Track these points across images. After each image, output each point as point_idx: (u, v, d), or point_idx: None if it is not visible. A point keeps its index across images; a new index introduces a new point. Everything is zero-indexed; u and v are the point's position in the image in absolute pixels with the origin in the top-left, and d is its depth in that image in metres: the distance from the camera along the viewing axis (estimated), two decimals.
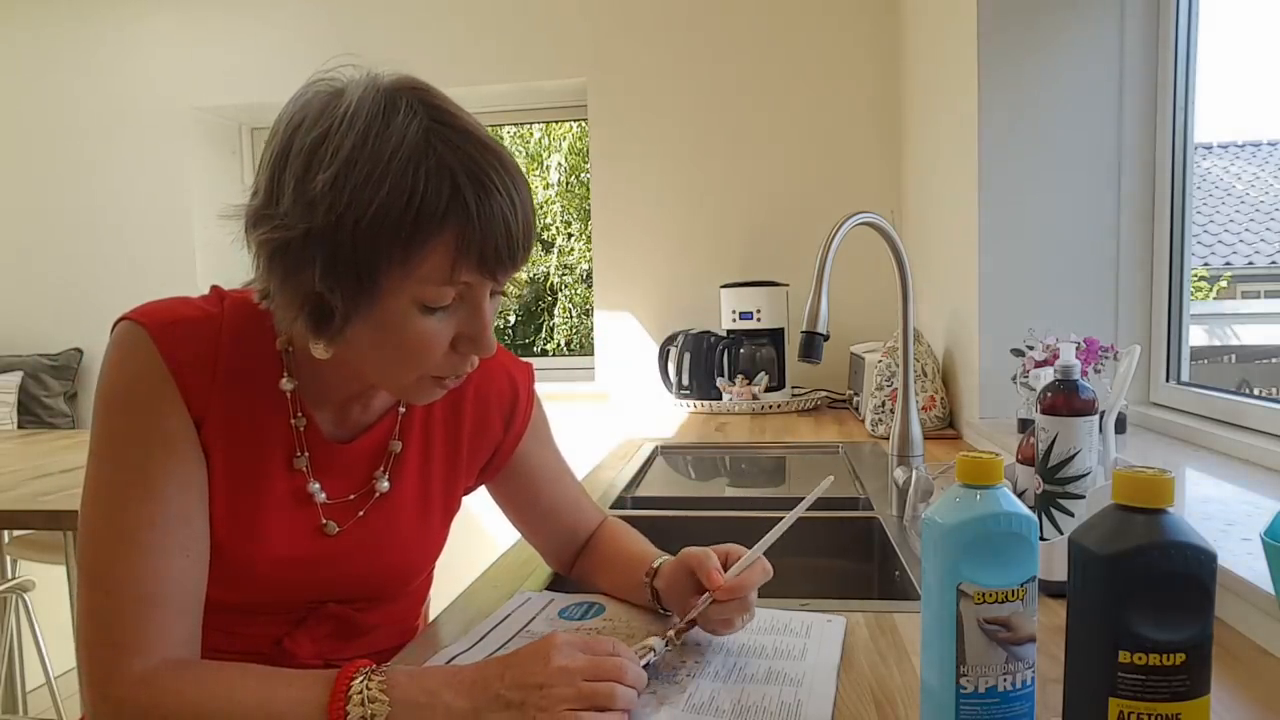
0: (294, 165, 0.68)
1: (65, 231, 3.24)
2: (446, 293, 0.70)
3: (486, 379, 0.92)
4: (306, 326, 0.71)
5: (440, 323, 0.72)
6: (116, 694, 0.67)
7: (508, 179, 0.69)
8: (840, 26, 2.70)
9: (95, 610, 0.70)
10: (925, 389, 1.93)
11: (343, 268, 0.67)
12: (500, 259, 0.70)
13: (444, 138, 0.68)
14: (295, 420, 0.80)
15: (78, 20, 3.18)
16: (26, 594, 2.04)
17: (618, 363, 2.90)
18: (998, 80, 1.66)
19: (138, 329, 0.74)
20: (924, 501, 1.19)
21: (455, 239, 0.67)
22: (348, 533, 0.83)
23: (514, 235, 0.70)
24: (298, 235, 0.67)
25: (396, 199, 0.65)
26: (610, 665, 0.67)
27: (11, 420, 3.05)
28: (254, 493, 0.78)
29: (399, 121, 0.67)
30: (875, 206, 1.37)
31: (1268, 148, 3.33)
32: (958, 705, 0.56)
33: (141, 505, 0.71)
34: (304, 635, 0.84)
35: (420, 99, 0.69)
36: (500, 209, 0.68)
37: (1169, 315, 1.62)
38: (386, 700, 0.64)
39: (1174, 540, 0.51)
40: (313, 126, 0.68)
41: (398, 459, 0.86)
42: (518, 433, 0.95)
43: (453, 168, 0.67)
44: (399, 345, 0.72)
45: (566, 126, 5.87)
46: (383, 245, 0.66)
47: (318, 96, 0.70)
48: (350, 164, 0.66)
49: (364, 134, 0.66)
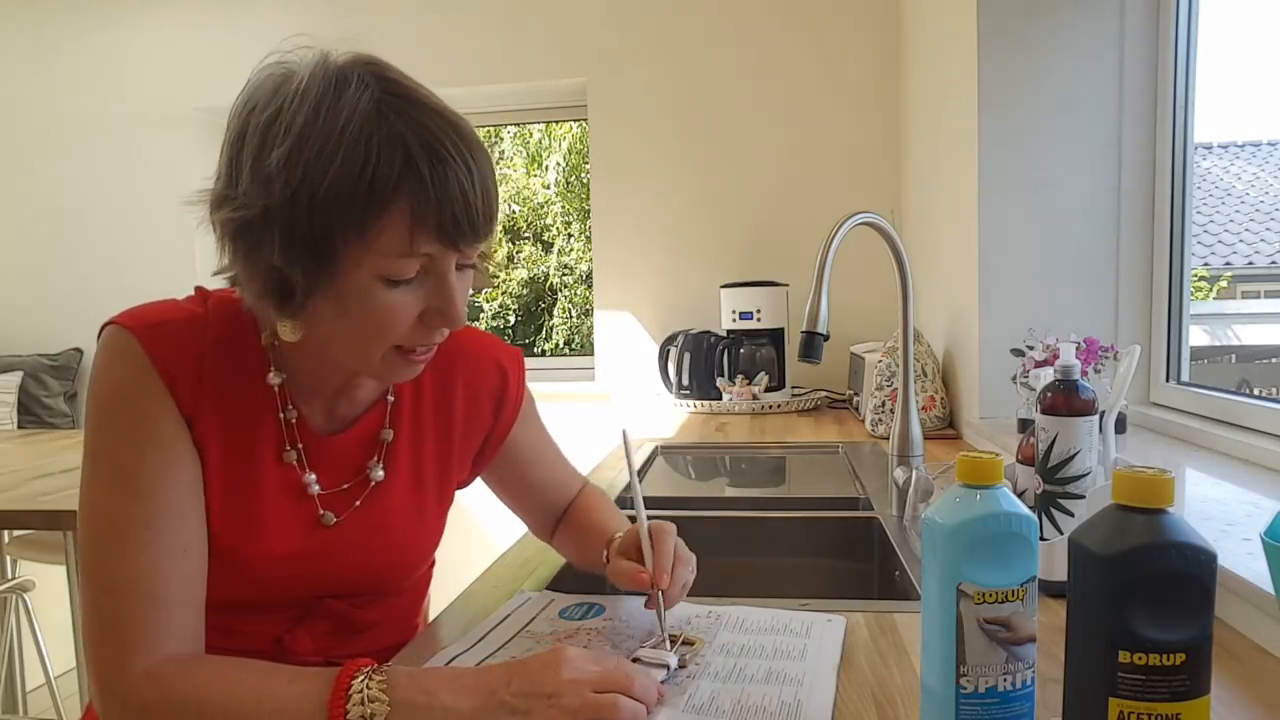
0: (250, 145, 0.69)
1: (65, 232, 3.25)
2: (409, 265, 0.70)
3: (475, 367, 0.93)
4: (270, 304, 0.71)
5: (405, 296, 0.72)
6: (122, 689, 0.68)
7: (463, 147, 0.69)
8: (840, 26, 2.70)
9: (98, 610, 0.71)
10: (925, 389, 1.93)
11: (300, 242, 0.68)
12: (460, 228, 0.70)
13: (396, 108, 0.68)
14: (285, 414, 0.81)
15: (78, 21, 3.19)
16: (26, 594, 2.04)
17: (618, 363, 2.89)
18: (998, 80, 1.66)
19: (124, 333, 0.74)
20: (924, 501, 1.19)
21: (410, 208, 0.67)
22: (345, 523, 0.83)
23: (472, 203, 0.69)
24: (256, 213, 0.68)
25: (350, 170, 0.66)
26: (619, 678, 0.67)
27: (11, 420, 3.05)
28: (249, 489, 0.79)
29: (350, 94, 0.67)
30: (875, 206, 1.37)
31: (1268, 148, 3.33)
32: (958, 705, 0.56)
33: (137, 505, 0.72)
34: (303, 633, 0.84)
35: (372, 72, 0.70)
36: (456, 177, 0.68)
37: (1169, 315, 1.62)
38: (386, 700, 0.64)
39: (1174, 540, 0.51)
40: (266, 106, 0.69)
41: (390, 448, 0.87)
42: (508, 420, 0.96)
43: (405, 137, 0.67)
44: (363, 319, 0.72)
45: (566, 126, 5.86)
46: (338, 217, 0.67)
47: (270, 79, 0.71)
48: (303, 138, 0.66)
49: (316, 108, 0.67)
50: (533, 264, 6.20)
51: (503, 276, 6.17)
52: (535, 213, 6.27)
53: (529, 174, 6.24)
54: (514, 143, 6.25)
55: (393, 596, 0.91)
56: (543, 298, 6.26)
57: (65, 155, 3.23)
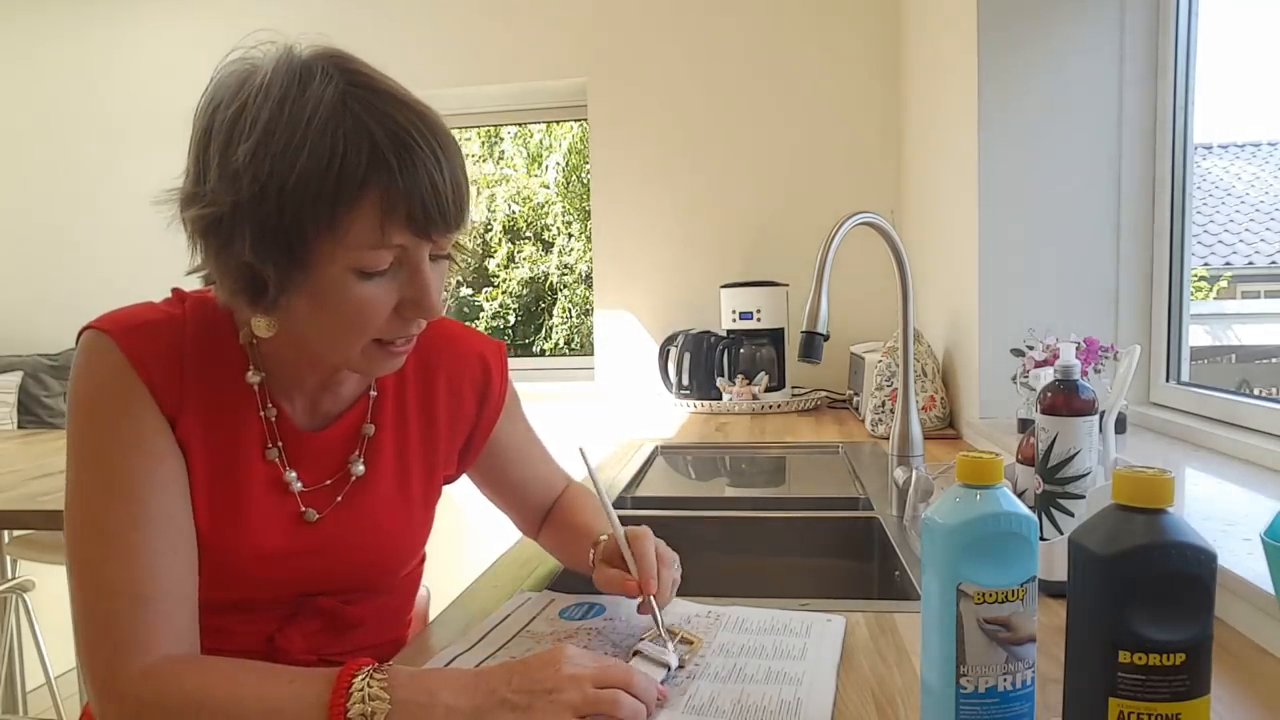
0: (216, 141, 0.69)
1: (66, 232, 3.24)
2: (381, 256, 0.70)
3: (459, 361, 0.93)
4: (243, 301, 0.72)
5: (380, 288, 0.72)
6: (120, 690, 0.68)
7: (431, 137, 0.69)
8: (840, 26, 2.70)
9: (92, 611, 0.70)
10: (925, 389, 1.93)
11: (271, 237, 0.68)
12: (431, 218, 0.69)
13: (361, 99, 0.68)
14: (265, 412, 0.81)
15: (79, 22, 3.18)
16: (26, 594, 2.05)
17: (618, 363, 2.89)
18: (998, 80, 1.66)
19: (101, 336, 0.75)
20: (924, 501, 1.19)
21: (380, 200, 0.67)
22: (328, 519, 0.84)
23: (441, 193, 0.69)
24: (226, 210, 0.68)
25: (316, 164, 0.66)
26: (619, 674, 0.67)
27: (11, 420, 3.05)
28: (233, 486, 0.79)
29: (315, 87, 0.67)
30: (875, 206, 1.37)
31: (1268, 148, 3.33)
32: (958, 705, 0.56)
33: (124, 506, 0.72)
34: (295, 631, 0.84)
35: (336, 65, 0.70)
36: (424, 167, 0.68)
37: (1169, 315, 1.62)
38: (387, 698, 0.64)
39: (1174, 540, 0.51)
40: (230, 102, 0.69)
41: (373, 443, 0.87)
42: (493, 413, 0.96)
43: (371, 128, 0.67)
44: (339, 313, 0.72)
45: (566, 126, 5.86)
46: (308, 211, 0.67)
47: (234, 74, 0.71)
48: (269, 133, 0.66)
49: (280, 102, 0.67)
50: (533, 264, 6.21)
51: (503, 276, 6.18)
52: (535, 212, 6.27)
53: (529, 174, 6.24)
54: (514, 143, 6.25)
55: (383, 593, 0.91)
56: (543, 297, 6.26)
57: (66, 155, 3.23)
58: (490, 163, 6.27)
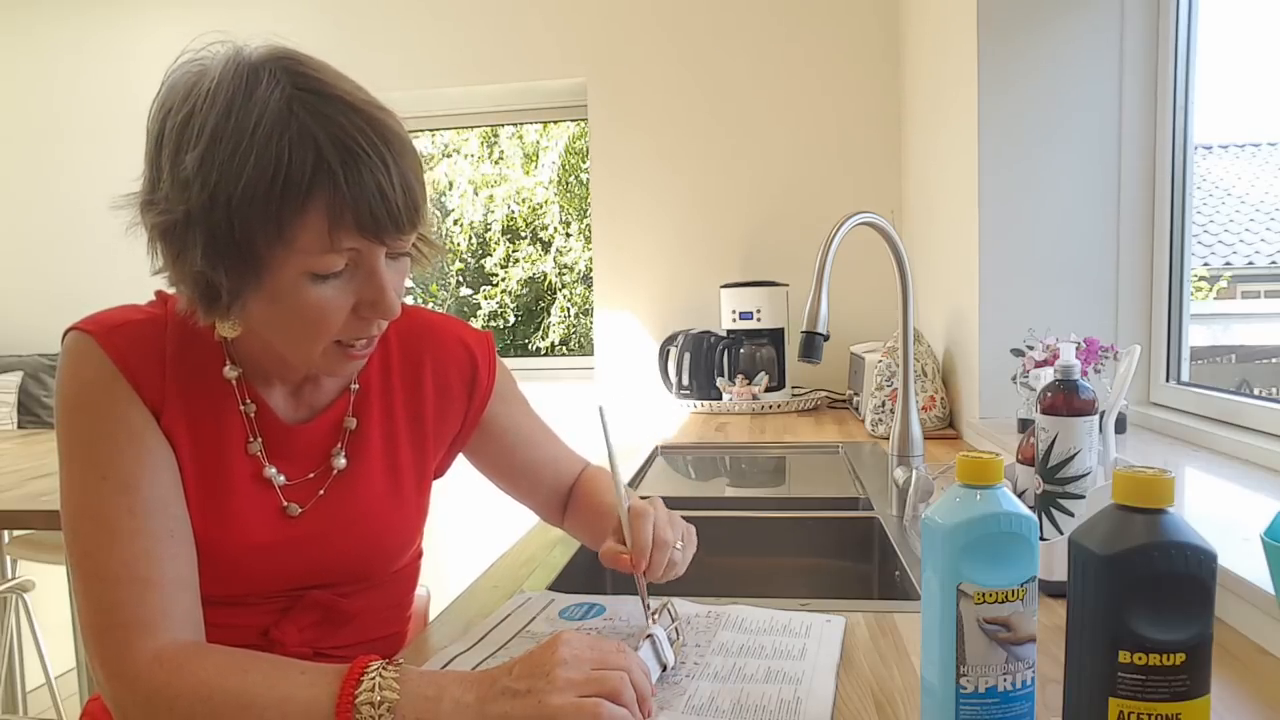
0: (167, 148, 0.69)
1: (66, 232, 3.24)
2: (333, 260, 0.70)
3: (443, 351, 0.93)
4: (199, 308, 0.72)
5: (335, 290, 0.72)
6: (130, 672, 0.68)
7: (379, 141, 0.69)
8: (841, 26, 2.70)
9: (96, 598, 0.71)
10: (925, 389, 1.93)
11: (223, 244, 0.68)
12: (380, 223, 0.69)
13: (307, 104, 0.67)
14: (244, 406, 0.81)
15: (79, 21, 3.18)
16: (26, 594, 2.05)
17: (617, 363, 2.89)
18: (998, 80, 1.66)
19: (85, 337, 0.76)
20: (924, 501, 1.19)
21: (326, 207, 0.67)
22: (311, 513, 0.84)
23: (390, 198, 0.69)
24: (179, 217, 0.68)
25: (263, 172, 0.66)
26: (617, 658, 0.68)
27: (11, 420, 3.05)
28: (218, 481, 0.80)
29: (261, 92, 0.67)
30: (875, 206, 1.37)
31: (1268, 148, 3.33)
32: (958, 705, 0.56)
33: (119, 496, 0.73)
34: (290, 624, 0.84)
35: (285, 68, 0.69)
36: (371, 172, 0.68)
37: (1169, 315, 1.62)
38: (397, 690, 0.65)
39: (1174, 540, 0.51)
40: (180, 108, 0.69)
41: (357, 436, 0.87)
42: (482, 398, 0.96)
43: (315, 135, 0.67)
44: (296, 316, 0.72)
45: (563, 125, 5.86)
46: (257, 219, 0.67)
47: (184, 78, 0.71)
48: (215, 140, 0.66)
49: (227, 109, 0.67)
50: (531, 263, 6.21)
51: (501, 275, 6.18)
52: (534, 212, 6.27)
53: (527, 173, 6.23)
54: (511, 142, 6.25)
55: (378, 586, 0.90)
56: (541, 297, 6.26)
57: (66, 156, 3.23)
58: (488, 163, 6.27)
